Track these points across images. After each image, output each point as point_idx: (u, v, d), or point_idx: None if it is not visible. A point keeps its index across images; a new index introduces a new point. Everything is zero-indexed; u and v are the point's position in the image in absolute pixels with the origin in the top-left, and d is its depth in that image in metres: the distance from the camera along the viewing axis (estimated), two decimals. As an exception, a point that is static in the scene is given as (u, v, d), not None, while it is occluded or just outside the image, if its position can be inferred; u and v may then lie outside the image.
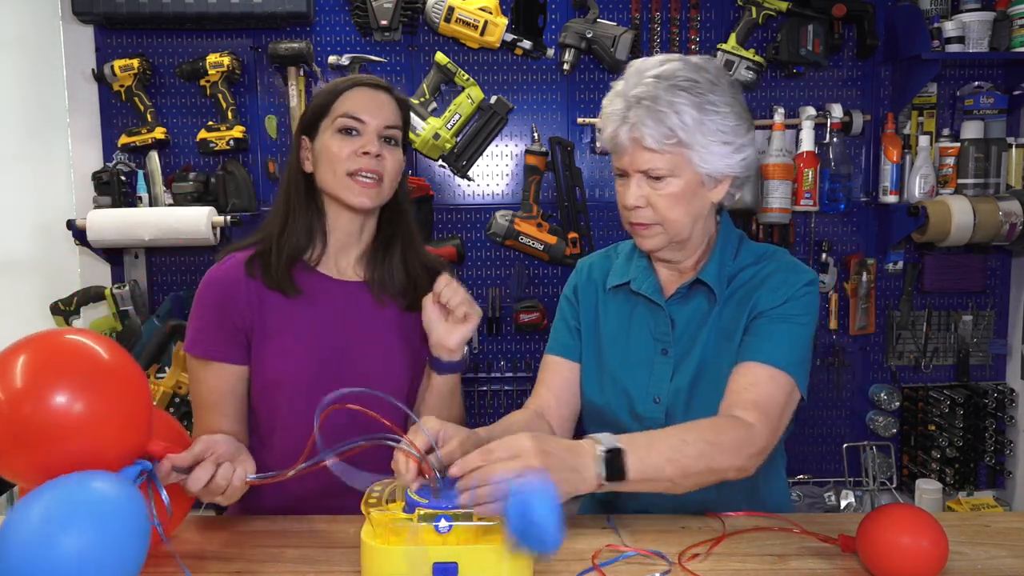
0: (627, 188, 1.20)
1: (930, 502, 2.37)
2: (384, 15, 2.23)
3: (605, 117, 1.21)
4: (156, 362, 2.15)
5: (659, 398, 1.26)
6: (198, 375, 1.32)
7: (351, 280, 1.37)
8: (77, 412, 0.89)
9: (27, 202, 2.41)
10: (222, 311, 1.30)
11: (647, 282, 1.29)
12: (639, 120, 1.14)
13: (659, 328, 1.28)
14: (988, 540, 1.12)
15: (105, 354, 0.96)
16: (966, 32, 2.30)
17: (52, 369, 0.91)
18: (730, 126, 1.17)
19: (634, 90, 1.16)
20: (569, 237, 2.33)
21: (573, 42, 2.29)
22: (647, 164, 1.17)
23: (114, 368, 0.96)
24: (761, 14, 2.32)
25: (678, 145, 1.15)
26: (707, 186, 1.20)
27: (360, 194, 1.29)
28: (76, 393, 0.90)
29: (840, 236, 2.50)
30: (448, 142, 2.29)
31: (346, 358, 1.32)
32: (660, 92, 1.14)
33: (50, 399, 0.89)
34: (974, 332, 2.53)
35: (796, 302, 1.21)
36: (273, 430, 1.33)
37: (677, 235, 1.22)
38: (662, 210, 1.19)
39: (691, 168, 1.17)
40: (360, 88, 1.32)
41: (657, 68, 1.17)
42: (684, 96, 1.14)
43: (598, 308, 1.35)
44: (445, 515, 0.95)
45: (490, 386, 2.44)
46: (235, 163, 2.31)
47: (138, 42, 2.32)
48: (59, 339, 0.98)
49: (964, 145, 2.37)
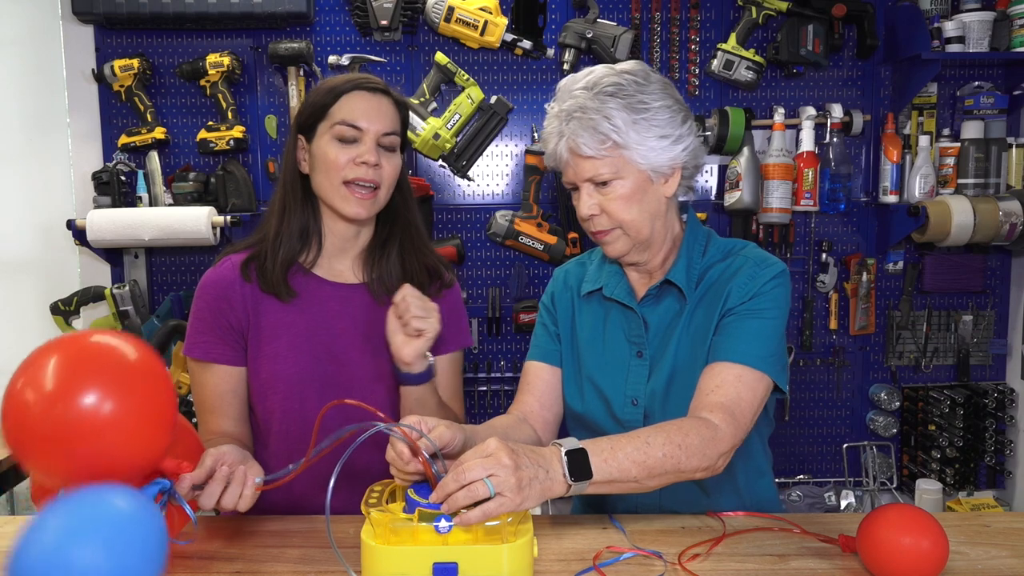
0: (579, 199, 1.23)
1: (930, 502, 2.37)
2: (384, 15, 2.23)
3: (545, 137, 1.24)
4: (156, 362, 2.15)
5: (637, 400, 1.27)
6: (199, 378, 1.33)
7: (348, 283, 1.36)
8: (107, 412, 0.90)
9: (27, 202, 2.42)
10: (219, 313, 1.31)
11: (619, 286, 1.31)
12: (572, 132, 1.17)
13: (633, 331, 1.29)
14: (988, 540, 1.12)
15: (133, 355, 0.97)
16: (966, 32, 2.30)
17: (83, 371, 0.92)
18: (664, 119, 1.19)
19: (564, 104, 1.19)
20: (569, 237, 2.33)
21: (573, 42, 2.29)
22: (590, 172, 1.19)
23: (143, 369, 0.97)
24: (761, 14, 2.32)
25: (615, 148, 1.17)
26: (656, 182, 1.22)
27: (356, 205, 1.28)
28: (106, 394, 0.90)
29: (840, 236, 2.50)
30: (448, 142, 2.29)
31: (339, 360, 1.32)
32: (587, 101, 1.17)
33: (80, 400, 0.89)
34: (974, 332, 2.54)
35: (764, 296, 1.21)
36: (269, 431, 1.33)
37: (638, 235, 1.23)
38: (617, 213, 1.21)
39: (633, 167, 1.19)
40: (359, 92, 1.30)
41: (583, 80, 1.21)
42: (612, 100, 1.17)
43: (574, 314, 1.37)
44: (445, 515, 0.95)
45: (490, 386, 2.44)
46: (235, 163, 2.31)
47: (138, 42, 2.33)
48: (88, 341, 0.99)
49: (964, 145, 2.37)
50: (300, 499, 1.30)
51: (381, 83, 1.34)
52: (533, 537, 0.98)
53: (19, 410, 0.89)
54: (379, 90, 1.32)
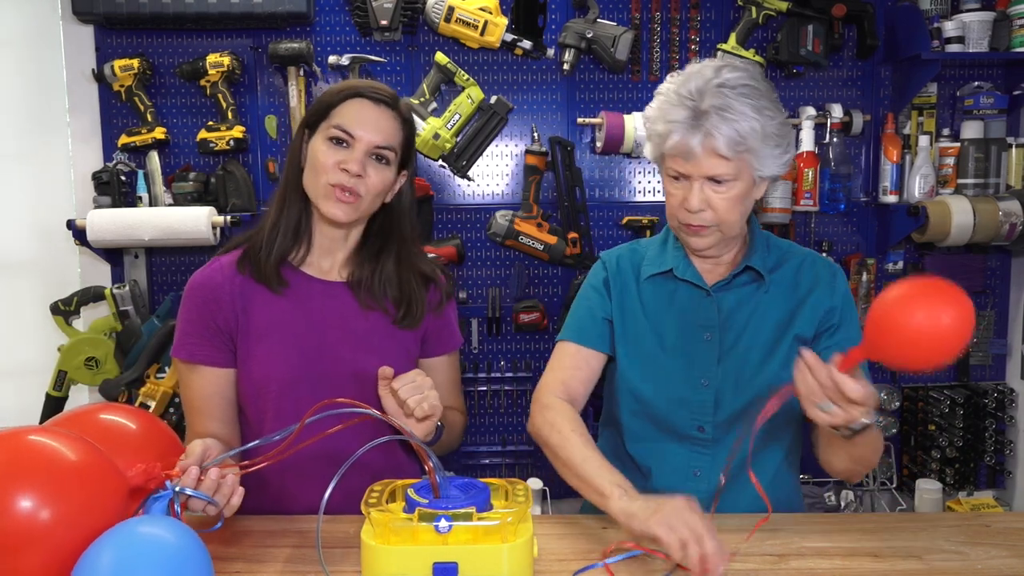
0: (690, 192, 1.23)
1: (930, 502, 2.37)
2: (384, 15, 2.23)
3: (670, 121, 1.22)
4: (156, 362, 2.15)
5: (707, 381, 1.30)
6: (186, 379, 1.33)
7: (335, 280, 1.37)
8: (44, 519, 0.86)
9: (27, 202, 2.42)
10: (206, 314, 1.30)
11: (689, 270, 1.34)
12: (714, 128, 1.18)
13: (703, 313, 1.32)
14: (988, 540, 1.12)
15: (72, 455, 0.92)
16: (966, 32, 2.30)
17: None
18: (780, 128, 1.23)
19: (706, 101, 1.19)
20: (569, 237, 2.33)
21: (573, 42, 2.29)
22: (715, 170, 1.21)
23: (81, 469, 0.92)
24: (761, 14, 2.32)
25: (746, 152, 1.20)
26: (758, 185, 1.27)
27: (335, 206, 1.28)
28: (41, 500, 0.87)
29: (840, 236, 2.50)
30: (448, 142, 2.29)
31: (329, 357, 1.32)
32: (732, 102, 1.18)
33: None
34: (974, 332, 2.53)
35: (847, 301, 1.34)
36: (261, 430, 1.32)
37: (729, 232, 1.28)
38: (722, 212, 1.24)
39: (750, 172, 1.23)
40: (361, 100, 1.30)
41: (721, 76, 1.21)
42: (748, 103, 1.19)
43: (633, 298, 1.37)
44: (445, 515, 0.95)
45: (490, 386, 2.44)
46: (235, 163, 2.31)
47: (138, 42, 2.32)
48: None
49: (964, 145, 2.37)
50: (281, 492, 1.31)
51: (389, 95, 1.32)
52: (533, 537, 0.99)
53: None
54: (383, 101, 1.31)
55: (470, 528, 0.94)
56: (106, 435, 1.04)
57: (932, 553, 1.08)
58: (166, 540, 0.86)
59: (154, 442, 1.10)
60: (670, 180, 1.27)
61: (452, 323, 1.46)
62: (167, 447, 1.11)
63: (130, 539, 0.86)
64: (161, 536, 0.87)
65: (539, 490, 2.23)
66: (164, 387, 2.11)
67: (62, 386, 2.24)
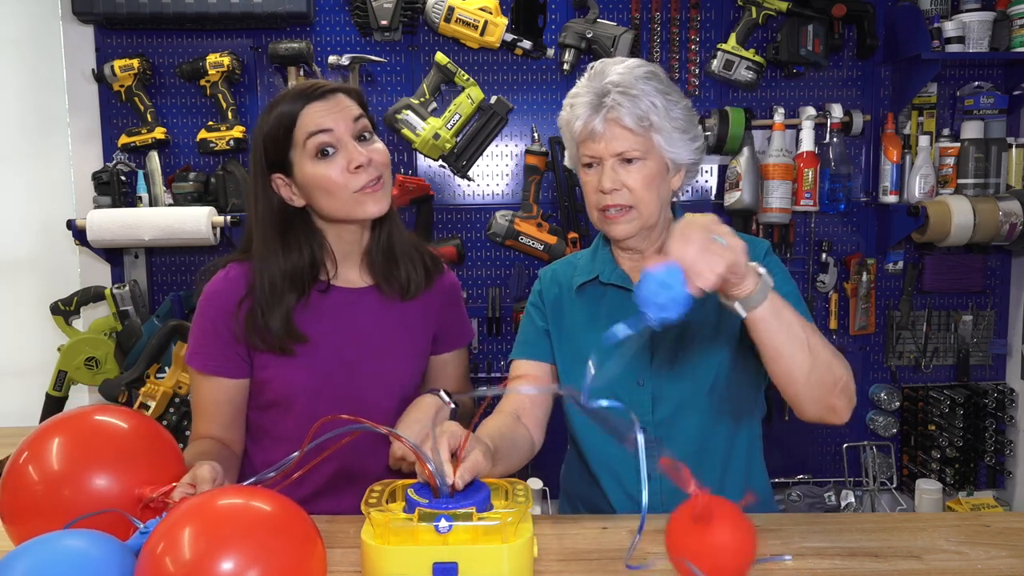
0: (602, 173, 1.25)
1: (930, 502, 2.37)
2: (384, 15, 2.23)
3: (575, 108, 1.26)
4: (156, 362, 2.15)
5: (642, 380, 1.29)
6: (197, 384, 1.33)
7: (356, 287, 1.36)
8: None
9: (27, 202, 2.42)
10: (221, 327, 1.29)
11: (615, 273, 1.34)
12: (616, 103, 1.21)
13: (631, 315, 1.29)
14: (988, 540, 1.12)
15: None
16: (966, 32, 2.30)
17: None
18: (687, 116, 1.27)
19: (605, 80, 1.23)
20: (569, 237, 2.33)
21: (573, 42, 2.29)
22: (623, 146, 1.23)
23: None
24: (761, 14, 2.32)
25: (650, 128, 1.23)
26: (671, 172, 1.28)
27: (372, 204, 1.26)
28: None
29: (840, 236, 2.50)
30: (448, 142, 2.29)
31: (351, 369, 1.32)
32: (632, 80, 1.22)
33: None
34: (974, 332, 2.54)
35: (772, 271, 1.22)
36: (277, 441, 1.32)
37: (649, 219, 1.27)
38: (638, 191, 1.24)
39: (658, 152, 1.25)
40: (308, 106, 1.24)
41: (621, 64, 1.26)
42: (651, 84, 1.23)
43: (566, 308, 1.38)
44: (445, 515, 0.95)
45: (490, 386, 2.43)
46: (235, 163, 2.31)
47: (138, 42, 2.32)
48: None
49: (964, 145, 2.37)
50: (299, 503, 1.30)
51: (325, 83, 1.28)
52: (533, 537, 0.98)
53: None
54: (326, 91, 1.26)
55: (470, 528, 0.94)
56: (103, 439, 1.03)
57: (932, 553, 1.08)
58: (84, 551, 0.84)
59: (150, 447, 1.08)
60: (584, 170, 1.29)
61: (464, 317, 1.48)
62: (164, 452, 1.09)
63: (46, 548, 0.84)
64: (79, 547, 0.85)
65: (539, 490, 2.23)
66: (164, 387, 2.11)
67: (62, 386, 2.24)
